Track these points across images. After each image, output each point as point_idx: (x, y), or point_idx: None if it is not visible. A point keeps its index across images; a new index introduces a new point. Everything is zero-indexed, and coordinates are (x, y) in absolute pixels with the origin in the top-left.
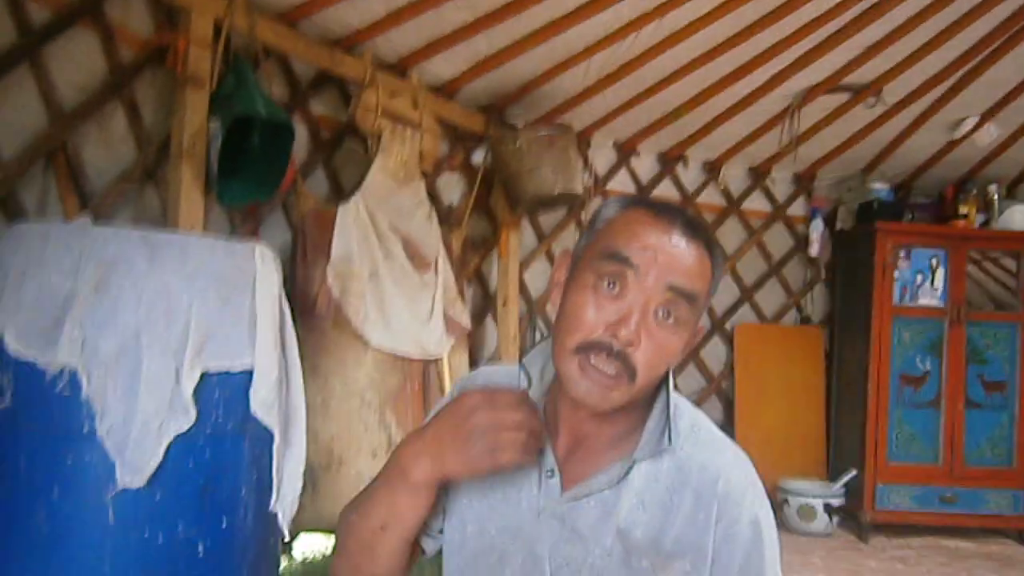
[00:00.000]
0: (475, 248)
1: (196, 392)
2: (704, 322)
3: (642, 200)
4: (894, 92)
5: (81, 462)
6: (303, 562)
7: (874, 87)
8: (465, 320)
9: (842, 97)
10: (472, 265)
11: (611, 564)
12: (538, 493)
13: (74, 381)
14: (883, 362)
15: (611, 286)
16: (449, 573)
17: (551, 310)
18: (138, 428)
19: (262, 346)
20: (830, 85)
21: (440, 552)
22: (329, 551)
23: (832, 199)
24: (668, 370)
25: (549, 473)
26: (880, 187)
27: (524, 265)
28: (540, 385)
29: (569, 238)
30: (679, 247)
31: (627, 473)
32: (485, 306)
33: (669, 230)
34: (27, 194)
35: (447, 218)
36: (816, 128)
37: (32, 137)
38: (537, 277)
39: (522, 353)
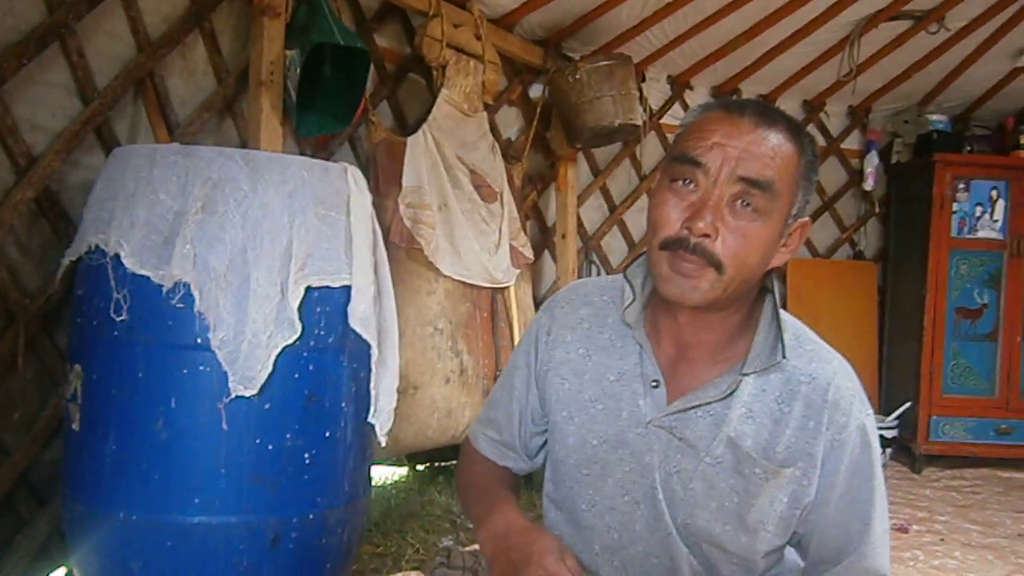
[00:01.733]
0: (532, 183)
1: (300, 307)
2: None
3: (719, 101)
4: (957, 17)
5: (196, 372)
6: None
7: (937, 13)
8: (528, 252)
9: (901, 26)
10: (529, 200)
11: (722, 471)
12: (643, 404)
13: (187, 295)
14: (940, 295)
15: (685, 183)
16: (552, 485)
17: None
18: (248, 340)
19: (359, 263)
20: (892, 12)
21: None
22: (395, 481)
23: (887, 132)
24: (764, 268)
25: (654, 384)
26: (938, 119)
27: (579, 201)
28: (642, 296)
29: (623, 174)
30: (747, 137)
31: (737, 386)
32: (543, 241)
33: (737, 122)
34: (119, 123)
35: (506, 152)
36: (874, 59)
37: (122, 66)
38: (592, 212)
39: None
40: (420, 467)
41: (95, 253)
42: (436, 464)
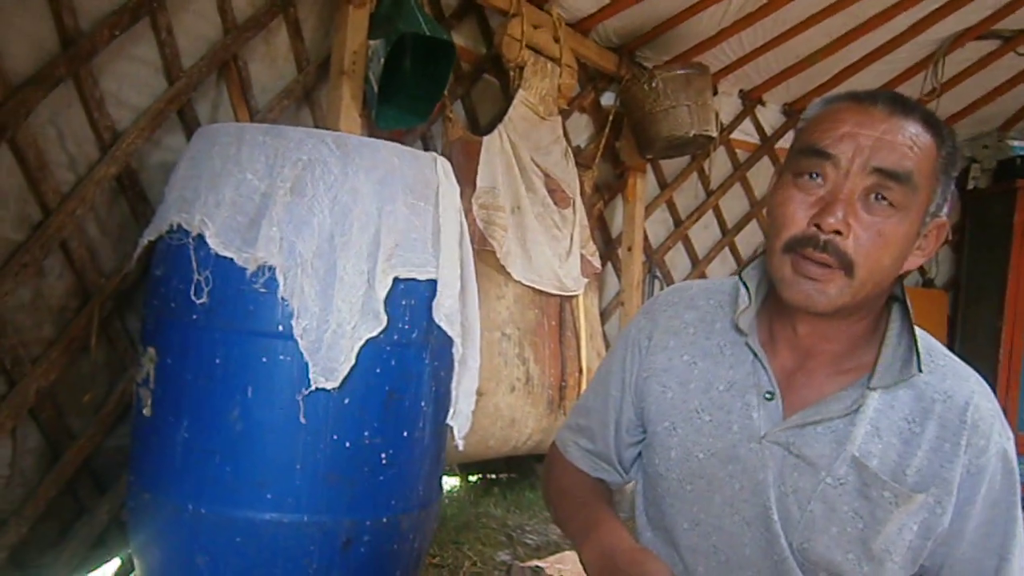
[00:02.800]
0: (598, 192)
1: (386, 298)
2: None
3: (846, 92)
4: None
5: (275, 361)
6: None
7: None
8: (596, 261)
9: (986, 47)
10: (596, 210)
11: (844, 493)
12: (756, 416)
13: (271, 280)
14: (1018, 327)
15: (812, 178)
16: (649, 502)
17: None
18: (332, 330)
19: (446, 257)
20: (981, 31)
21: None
22: (447, 491)
23: (963, 157)
24: (897, 271)
25: (768, 395)
26: (1020, 144)
27: (646, 213)
28: (756, 300)
29: (691, 188)
30: (882, 126)
31: (863, 401)
32: (606, 253)
33: (869, 111)
34: (200, 105)
35: (576, 159)
36: (955, 81)
37: (207, 46)
38: (657, 226)
39: (644, 301)
40: (472, 478)
41: (177, 232)
42: (489, 476)
